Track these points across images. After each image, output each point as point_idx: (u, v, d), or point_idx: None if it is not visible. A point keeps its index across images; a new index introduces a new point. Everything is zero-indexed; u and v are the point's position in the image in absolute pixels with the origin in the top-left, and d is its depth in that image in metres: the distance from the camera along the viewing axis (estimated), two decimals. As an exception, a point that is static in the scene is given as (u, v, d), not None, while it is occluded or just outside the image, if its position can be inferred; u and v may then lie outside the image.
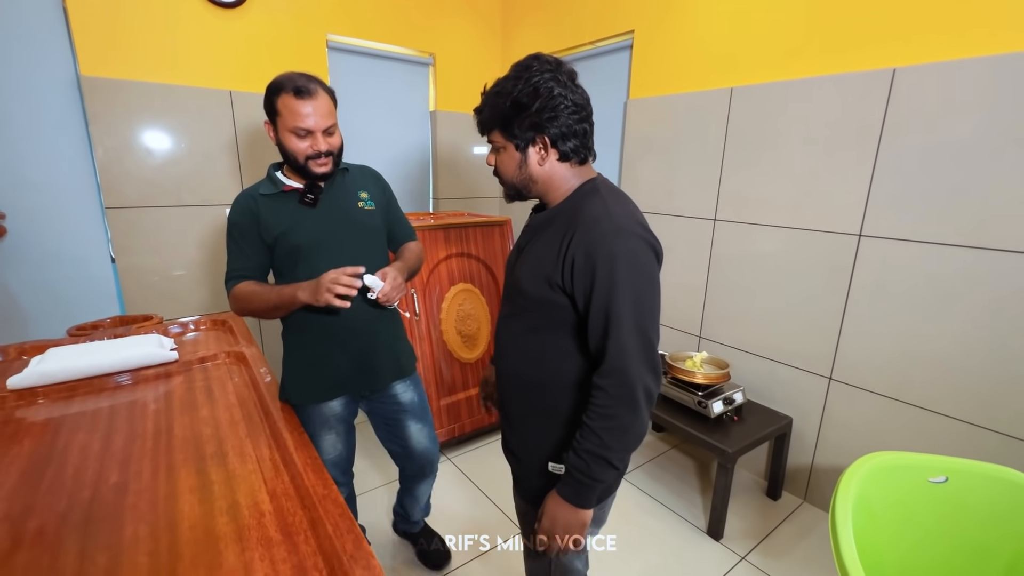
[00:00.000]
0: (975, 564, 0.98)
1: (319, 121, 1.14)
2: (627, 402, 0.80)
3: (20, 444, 1.06)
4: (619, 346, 0.80)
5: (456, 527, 1.77)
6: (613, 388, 0.80)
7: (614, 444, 0.81)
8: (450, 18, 2.90)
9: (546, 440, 0.93)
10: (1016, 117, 1.36)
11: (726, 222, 2.09)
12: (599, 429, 0.81)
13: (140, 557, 0.76)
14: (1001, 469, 0.99)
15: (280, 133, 1.16)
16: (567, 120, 0.85)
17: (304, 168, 1.17)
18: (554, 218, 0.89)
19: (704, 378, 1.90)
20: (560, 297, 0.84)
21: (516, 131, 0.86)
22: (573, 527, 0.85)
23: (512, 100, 0.84)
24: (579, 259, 0.80)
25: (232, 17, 2.19)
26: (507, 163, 0.90)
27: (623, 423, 0.81)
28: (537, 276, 0.86)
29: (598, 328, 0.82)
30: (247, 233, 1.20)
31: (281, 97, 1.13)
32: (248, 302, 1.21)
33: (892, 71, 1.56)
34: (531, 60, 0.88)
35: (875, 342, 1.70)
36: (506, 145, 0.88)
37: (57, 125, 1.95)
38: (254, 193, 1.21)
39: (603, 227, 0.81)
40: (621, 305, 0.79)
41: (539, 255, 0.87)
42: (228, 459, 1.03)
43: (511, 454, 1.03)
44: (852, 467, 1.01)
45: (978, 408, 1.51)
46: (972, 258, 1.47)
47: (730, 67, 1.99)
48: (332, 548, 0.77)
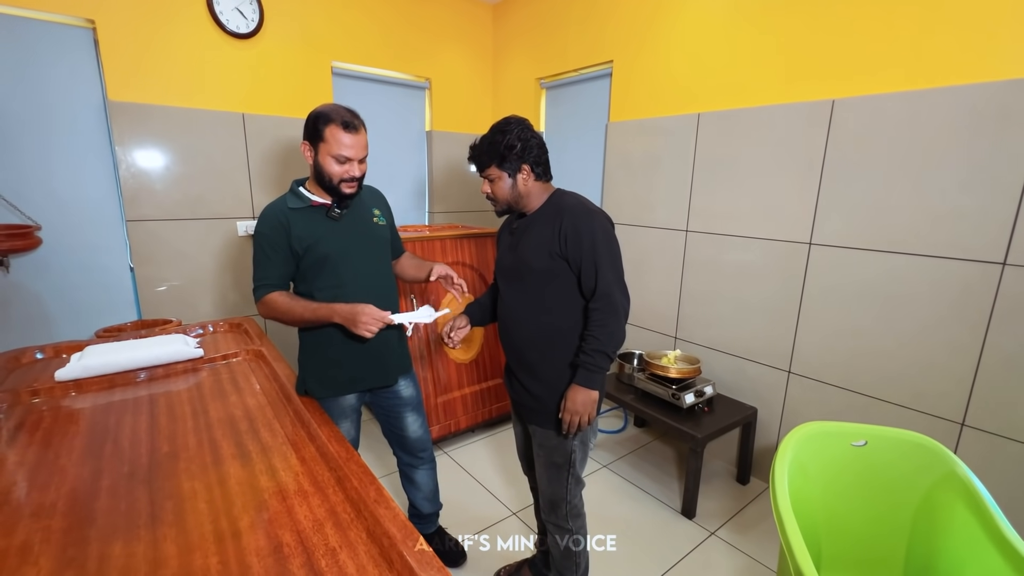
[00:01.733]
0: (889, 511, 1.18)
1: (358, 152, 1.33)
2: (613, 314, 1.22)
3: (76, 424, 1.22)
4: (605, 282, 1.22)
5: (452, 512, 1.92)
6: (604, 307, 1.22)
7: (608, 342, 1.22)
8: (445, 46, 3.14)
9: (563, 372, 1.30)
10: (925, 141, 1.60)
11: (697, 233, 2.31)
12: (598, 334, 1.22)
13: (200, 504, 0.93)
14: (908, 433, 1.20)
15: (320, 156, 1.31)
16: (538, 154, 1.28)
17: (335, 189, 1.34)
18: (540, 216, 1.30)
19: (677, 372, 2.10)
20: (560, 263, 1.24)
21: (508, 165, 1.26)
22: (588, 404, 1.24)
23: (505, 145, 1.25)
24: (571, 233, 1.22)
25: (246, 47, 2.39)
26: (503, 188, 1.29)
27: (612, 329, 1.22)
28: (542, 251, 1.25)
29: (590, 274, 1.22)
30: (277, 244, 1.32)
31: (329, 127, 1.28)
32: (279, 312, 1.33)
33: (832, 102, 1.80)
34: (508, 120, 1.28)
35: (825, 338, 1.92)
36: (501, 176, 1.28)
37: (86, 145, 2.13)
38: (283, 207, 1.35)
39: (581, 212, 1.24)
40: (602, 257, 1.21)
41: (539, 238, 1.26)
42: (260, 434, 1.20)
43: (534, 398, 1.34)
44: (789, 434, 1.20)
45: (909, 393, 1.73)
46: (901, 262, 1.69)
47: (698, 95, 2.23)
48: (358, 496, 0.95)
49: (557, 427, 1.32)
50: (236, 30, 2.33)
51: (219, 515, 0.90)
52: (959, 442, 1.63)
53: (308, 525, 0.88)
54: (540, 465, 1.38)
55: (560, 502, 1.37)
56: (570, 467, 1.34)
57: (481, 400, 2.56)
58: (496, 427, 2.66)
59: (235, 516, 0.90)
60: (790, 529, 1.00)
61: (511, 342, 1.38)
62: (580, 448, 1.34)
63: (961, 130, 1.53)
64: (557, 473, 1.35)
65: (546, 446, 1.35)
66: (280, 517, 0.90)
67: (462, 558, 1.73)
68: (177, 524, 0.87)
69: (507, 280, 1.37)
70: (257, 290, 1.37)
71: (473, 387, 2.55)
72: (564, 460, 1.34)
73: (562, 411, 1.26)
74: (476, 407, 2.53)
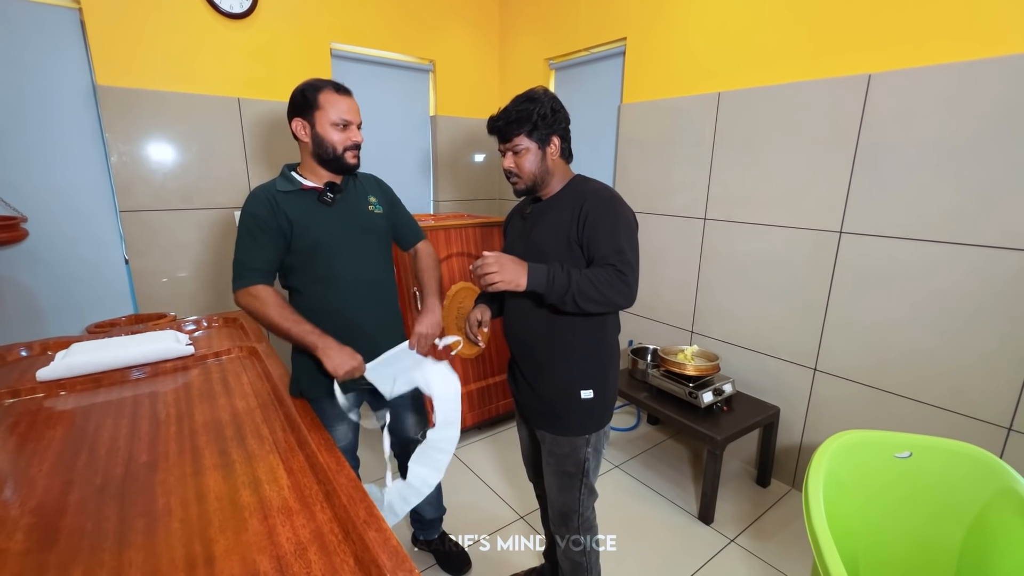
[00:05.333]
0: (937, 532, 1.06)
1: (356, 116, 1.27)
2: (622, 284, 1.05)
3: (53, 429, 1.15)
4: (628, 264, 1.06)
5: (457, 514, 1.84)
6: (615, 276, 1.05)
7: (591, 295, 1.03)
8: (449, 27, 3.00)
9: (576, 373, 1.19)
10: (975, 119, 1.44)
11: (716, 221, 2.17)
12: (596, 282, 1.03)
13: (174, 523, 0.84)
14: (959, 444, 1.08)
15: (319, 126, 1.23)
16: (565, 127, 1.18)
17: (339, 159, 1.25)
18: (558, 200, 1.18)
19: (695, 370, 1.99)
20: (577, 251, 1.12)
21: (538, 134, 1.14)
22: (514, 280, 1.03)
23: (538, 113, 1.12)
24: (592, 214, 1.10)
25: (240, 28, 2.28)
26: (530, 161, 1.16)
27: (607, 296, 1.04)
28: (560, 238, 1.13)
29: (616, 250, 1.06)
30: (265, 224, 1.21)
31: (323, 93, 1.23)
32: (260, 312, 1.21)
33: (868, 76, 1.65)
34: (535, 90, 1.16)
35: (855, 333, 1.78)
36: (529, 147, 1.15)
37: (74, 133, 2.04)
38: (272, 189, 1.26)
39: (605, 196, 1.13)
40: (624, 240, 1.08)
41: (557, 224, 1.14)
42: (247, 441, 1.11)
43: (544, 402, 1.22)
44: (824, 444, 1.09)
45: (947, 393, 1.59)
46: (942, 252, 1.55)
47: (717, 72, 2.08)
48: (346, 515, 0.86)
49: (570, 434, 1.20)
50: (229, 10, 2.22)
51: (193, 537, 0.81)
52: (1005, 448, 1.50)
53: (290, 549, 0.79)
54: (550, 474, 1.27)
55: (572, 514, 1.26)
56: (583, 476, 1.23)
57: (486, 397, 2.47)
58: (501, 425, 2.56)
59: (210, 538, 0.81)
60: (827, 551, 0.89)
61: (519, 340, 1.26)
62: (593, 456, 1.24)
63: (1016, 106, 1.38)
64: (569, 483, 1.25)
65: (557, 454, 1.24)
66: (259, 539, 0.81)
67: (467, 565, 1.65)
68: (146, 547, 0.79)
69: None
70: (239, 277, 1.23)
71: (478, 383, 2.45)
72: (576, 469, 1.23)
73: (486, 259, 1.05)
74: (480, 404, 2.44)
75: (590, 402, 1.19)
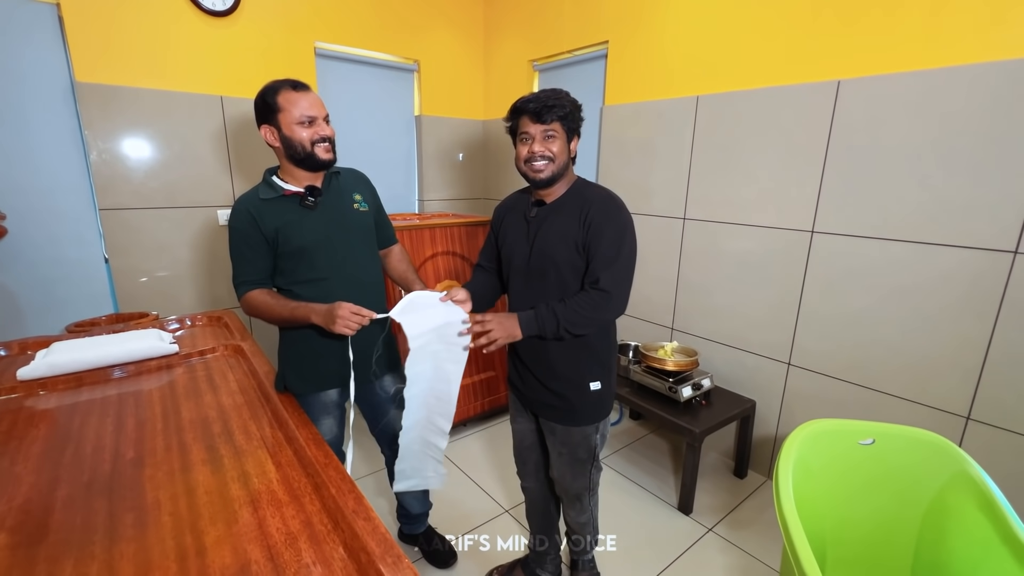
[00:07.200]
0: (897, 512, 1.13)
1: (320, 110, 1.26)
2: (604, 310, 1.13)
3: (36, 428, 1.14)
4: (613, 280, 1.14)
5: (443, 509, 1.87)
6: (601, 299, 1.13)
7: (576, 324, 1.13)
8: (434, 26, 3.01)
9: (585, 367, 1.26)
10: (938, 125, 1.52)
11: (695, 221, 2.23)
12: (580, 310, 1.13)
13: (164, 517, 0.86)
14: (918, 431, 1.14)
15: (285, 128, 1.24)
16: (579, 128, 1.23)
17: (311, 156, 1.25)
18: (562, 205, 1.21)
19: (674, 365, 2.04)
20: (582, 255, 1.17)
21: (568, 123, 1.17)
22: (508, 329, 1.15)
23: (572, 102, 1.17)
24: (596, 221, 1.15)
25: (223, 25, 2.27)
26: (560, 147, 1.18)
27: (591, 318, 1.14)
28: (568, 243, 1.17)
29: (608, 261, 1.14)
30: (251, 239, 1.25)
31: (282, 93, 1.23)
32: (259, 311, 1.28)
33: (837, 83, 1.72)
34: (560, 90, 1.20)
35: (827, 330, 1.86)
36: (562, 134, 1.17)
37: (53, 130, 2.01)
38: (253, 198, 1.27)
39: (611, 204, 1.18)
40: (624, 250, 1.16)
41: (563, 229, 1.18)
42: (235, 437, 1.12)
43: (557, 396, 1.28)
44: (793, 433, 1.15)
45: (911, 385, 1.68)
46: (907, 252, 1.63)
47: (696, 76, 2.14)
48: (335, 505, 0.88)
49: (582, 423, 1.29)
50: (212, 7, 2.21)
51: (184, 529, 0.83)
52: (963, 436, 1.59)
53: (280, 539, 0.82)
54: (562, 463, 1.35)
55: (583, 492, 1.38)
56: (593, 460, 1.34)
57: (473, 393, 2.50)
58: (488, 421, 2.60)
59: (201, 530, 0.83)
60: (795, 532, 0.95)
61: (531, 344, 1.27)
62: (601, 440, 1.35)
63: (976, 112, 1.46)
64: (581, 468, 1.34)
65: (569, 443, 1.32)
66: (250, 530, 0.83)
67: (452, 558, 1.68)
68: (137, 540, 0.80)
69: (525, 277, 1.27)
70: (238, 288, 1.31)
71: (465, 380, 2.48)
72: (588, 455, 1.33)
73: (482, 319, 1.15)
74: (468, 400, 2.47)
75: (598, 393, 1.28)
